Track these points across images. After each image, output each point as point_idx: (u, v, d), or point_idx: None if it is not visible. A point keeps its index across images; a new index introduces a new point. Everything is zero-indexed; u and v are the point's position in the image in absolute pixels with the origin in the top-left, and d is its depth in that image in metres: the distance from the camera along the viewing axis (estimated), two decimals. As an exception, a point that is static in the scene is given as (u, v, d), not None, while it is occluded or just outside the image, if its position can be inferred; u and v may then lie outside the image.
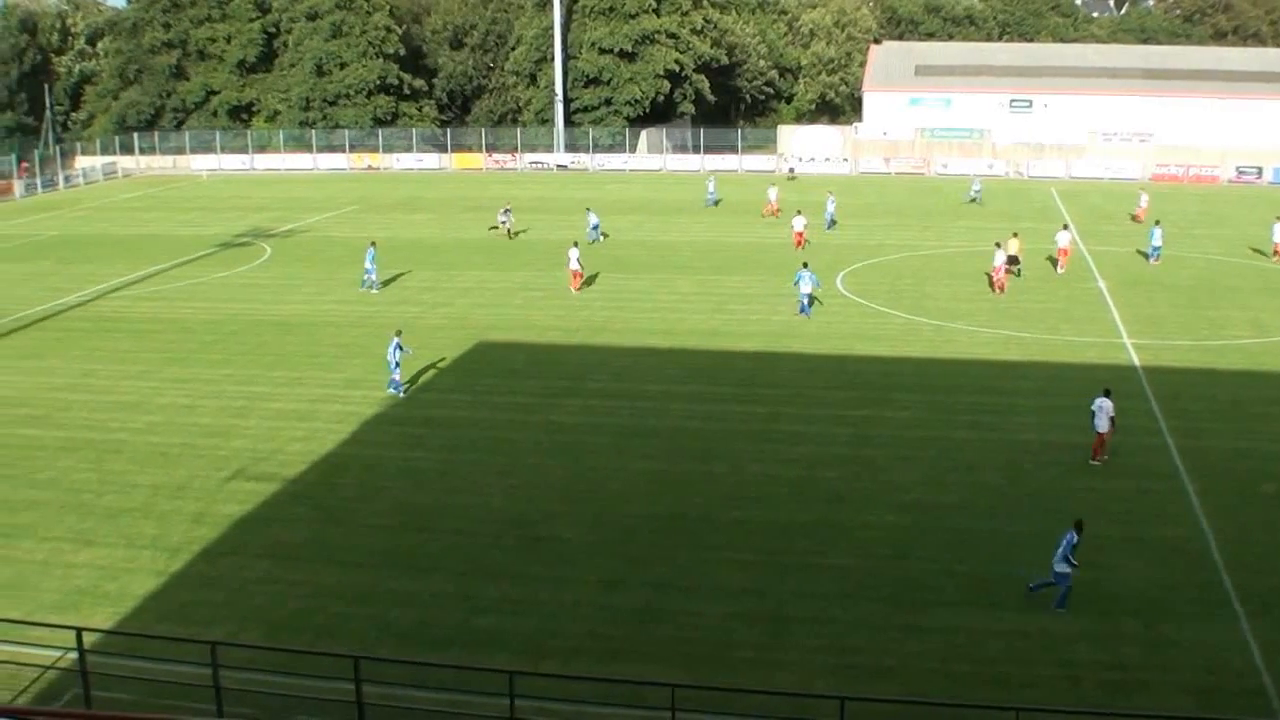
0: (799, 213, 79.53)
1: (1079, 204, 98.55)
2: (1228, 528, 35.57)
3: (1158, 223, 75.70)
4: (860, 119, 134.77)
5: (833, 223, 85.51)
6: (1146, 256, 74.05)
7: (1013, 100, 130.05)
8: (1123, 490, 38.46)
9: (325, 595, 31.50)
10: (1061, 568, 30.64)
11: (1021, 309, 60.98)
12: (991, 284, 64.97)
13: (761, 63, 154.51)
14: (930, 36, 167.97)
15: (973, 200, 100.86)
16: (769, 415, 45.13)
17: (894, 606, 30.76)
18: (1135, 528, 35.76)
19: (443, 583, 32.13)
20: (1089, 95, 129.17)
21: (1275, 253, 74.88)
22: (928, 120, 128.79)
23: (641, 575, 32.40)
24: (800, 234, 77.37)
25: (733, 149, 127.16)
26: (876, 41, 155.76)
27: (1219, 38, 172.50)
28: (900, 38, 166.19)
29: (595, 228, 79.87)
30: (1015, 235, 70.91)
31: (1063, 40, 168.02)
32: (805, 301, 59.65)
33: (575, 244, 67.50)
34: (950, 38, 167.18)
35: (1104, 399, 40.38)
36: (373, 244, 66.99)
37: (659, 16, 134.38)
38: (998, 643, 29.11)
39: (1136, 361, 52.53)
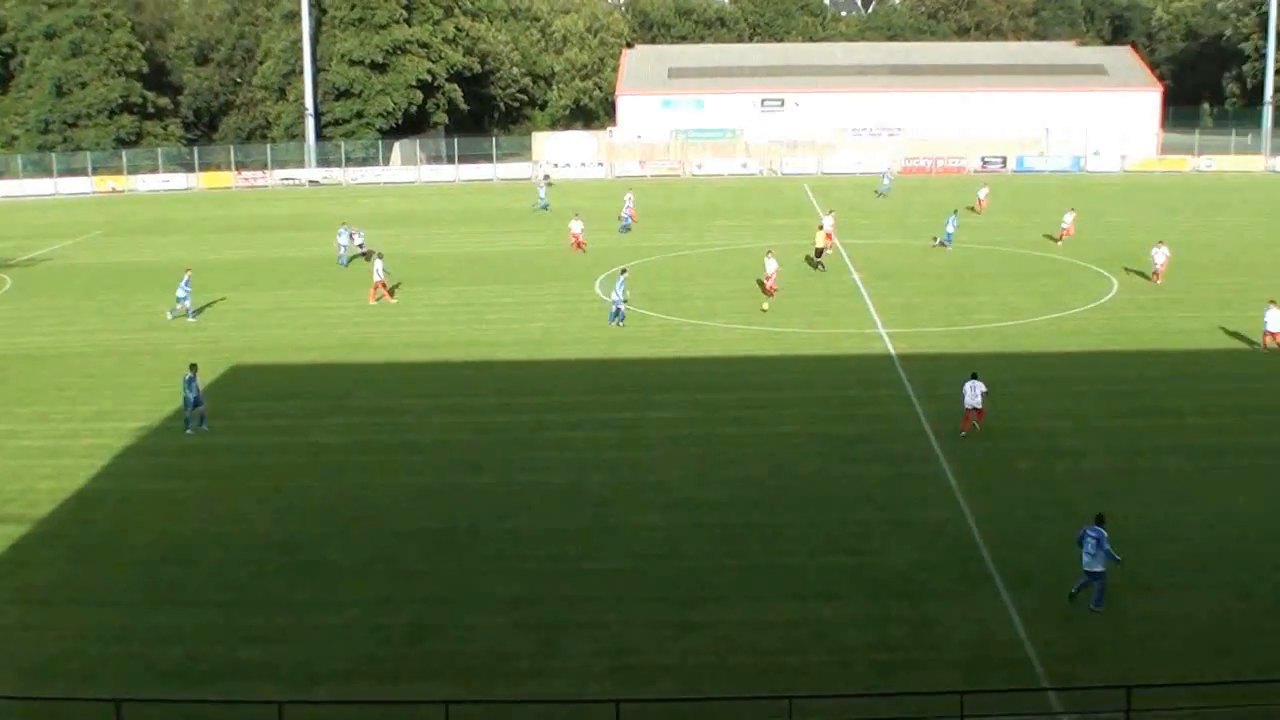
0: (576, 215, 79.73)
1: (832, 199, 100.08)
2: (986, 507, 36.59)
3: (955, 212, 77.74)
4: (615, 123, 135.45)
5: (627, 228, 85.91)
6: (943, 244, 76.55)
7: (764, 100, 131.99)
8: (884, 476, 39.26)
9: (83, 637, 30.19)
10: (1098, 567, 30.09)
11: (778, 305, 61.71)
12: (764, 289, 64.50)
13: (515, 70, 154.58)
14: (683, 39, 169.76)
15: (880, 194, 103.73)
16: (533, 423, 45.02)
17: (668, 605, 30.91)
18: (897, 512, 36.53)
19: (208, 615, 31.11)
20: (839, 92, 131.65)
21: (1061, 238, 77.32)
22: (682, 122, 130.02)
23: (413, 592, 32.00)
24: (578, 237, 77.52)
25: (488, 158, 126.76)
26: (629, 46, 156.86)
27: (963, 33, 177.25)
28: (653, 41, 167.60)
29: (345, 247, 76.82)
30: (821, 228, 72.78)
31: (813, 39, 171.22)
32: (616, 309, 59.32)
33: (379, 255, 66.67)
34: (702, 40, 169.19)
35: (973, 381, 42.39)
36: (188, 270, 65.17)
37: (410, 26, 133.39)
38: (771, 633, 29.43)
39: (892, 350, 53.64)
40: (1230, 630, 29.44)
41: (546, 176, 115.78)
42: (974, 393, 42.46)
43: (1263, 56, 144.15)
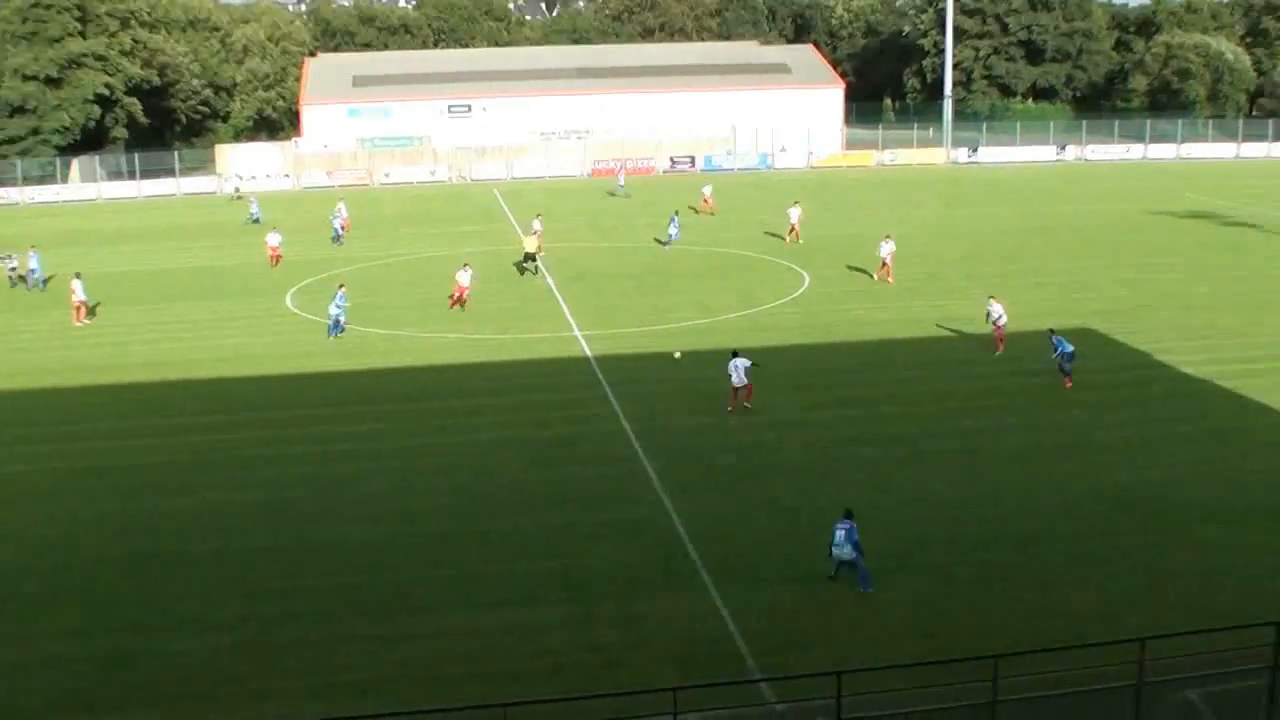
0: (274, 229, 78.31)
1: (522, 203, 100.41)
2: (688, 502, 37.07)
3: (677, 213, 78.06)
4: (300, 133, 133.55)
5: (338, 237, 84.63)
6: (663, 244, 77.07)
7: (451, 106, 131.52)
8: (585, 477, 39.47)
9: None
10: (849, 555, 31.21)
11: (473, 311, 61.59)
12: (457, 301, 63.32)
13: (195, 82, 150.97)
14: (367, 47, 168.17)
15: (618, 193, 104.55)
16: (231, 442, 43.92)
17: (377, 618, 30.54)
18: (601, 512, 36.76)
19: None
20: (526, 96, 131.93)
21: (790, 232, 78.86)
22: (368, 130, 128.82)
23: (111, 620, 30.87)
24: (275, 250, 76.01)
25: (170, 172, 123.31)
26: (311, 54, 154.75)
27: (647, 35, 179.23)
28: (336, 49, 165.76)
29: (33, 272, 72.77)
30: (535, 233, 72.79)
31: (498, 44, 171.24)
32: (335, 321, 58.14)
33: (78, 275, 64.18)
34: (386, 47, 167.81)
35: (735, 359, 44.30)
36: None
37: (85, 39, 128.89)
38: (482, 641, 29.29)
39: (589, 352, 53.96)
40: (933, 612, 30.34)
41: (236, 189, 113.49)
42: (738, 371, 44.02)
43: (941, 52, 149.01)
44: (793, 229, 78.47)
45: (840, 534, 31.31)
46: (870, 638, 28.98)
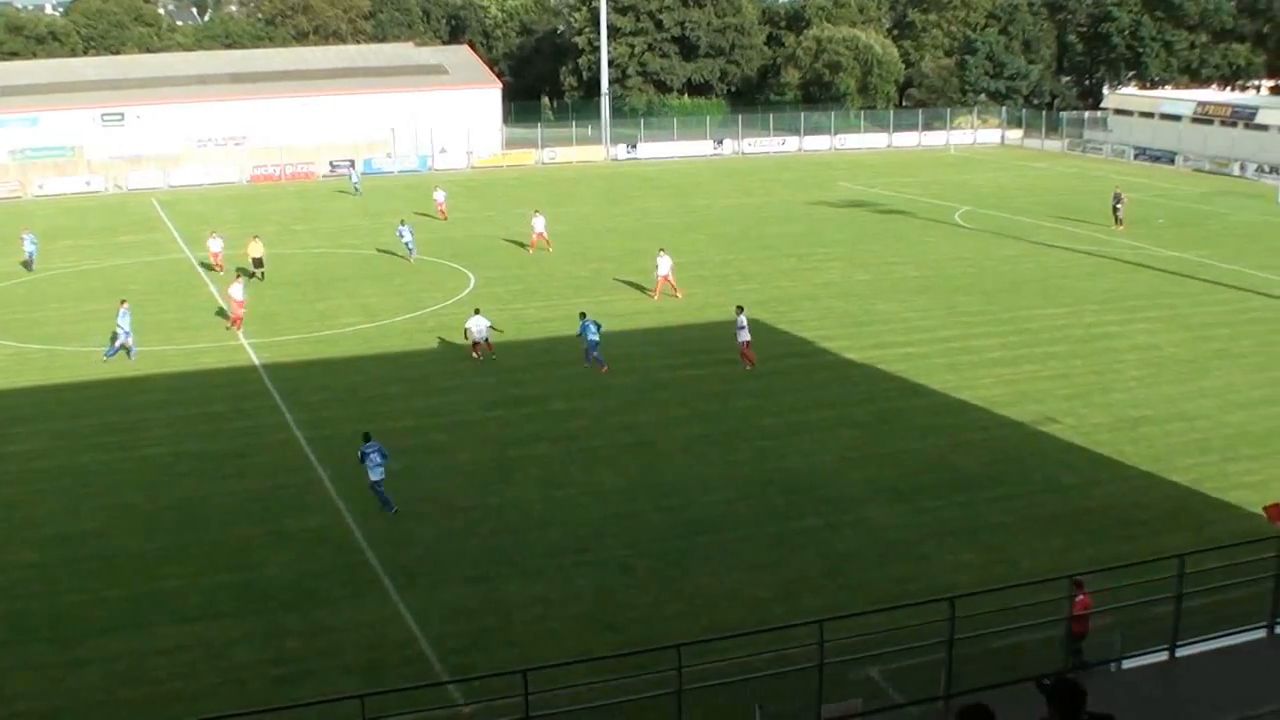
0: None
1: (179, 211, 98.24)
2: (365, 509, 36.93)
3: (403, 221, 75.51)
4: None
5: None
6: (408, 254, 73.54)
7: (104, 114, 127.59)
8: (259, 489, 39.01)
9: None
10: (379, 475, 36.02)
11: (133, 324, 59.89)
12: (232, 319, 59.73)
13: None
14: (14, 56, 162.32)
15: (354, 192, 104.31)
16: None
17: (49, 645, 29.65)
18: (277, 523, 36.44)
19: None
20: (182, 103, 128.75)
21: (534, 245, 77.07)
22: (17, 141, 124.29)
23: None
24: None
25: None
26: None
27: (301, 38, 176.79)
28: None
29: None
30: (256, 237, 70.96)
31: (150, 50, 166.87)
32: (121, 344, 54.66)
33: None
34: (35, 55, 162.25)
35: (476, 318, 49.98)
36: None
37: None
38: (160, 660, 28.78)
39: (257, 361, 53.18)
40: (615, 604, 30.92)
41: None
42: (477, 329, 48.13)
43: (596, 49, 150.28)
44: (538, 238, 76.80)
45: (376, 455, 36.14)
46: (553, 633, 29.47)
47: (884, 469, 39.65)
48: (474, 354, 51.14)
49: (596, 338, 49.98)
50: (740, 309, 50.18)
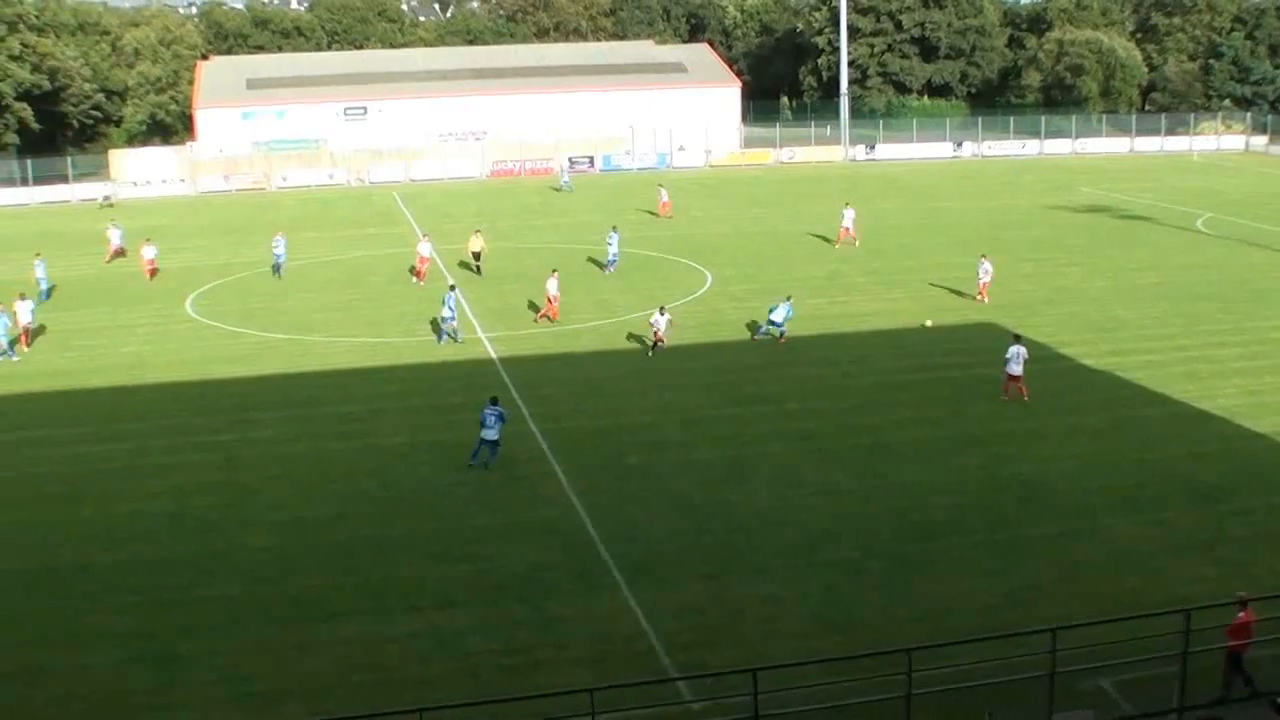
0: (148, 240, 76.15)
1: (421, 205, 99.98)
2: (598, 502, 37.06)
3: (615, 228, 74.99)
4: (195, 138, 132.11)
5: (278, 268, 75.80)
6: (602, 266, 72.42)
7: (347, 108, 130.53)
8: (494, 479, 39.30)
9: None
10: (494, 436, 39.47)
11: (375, 315, 61.23)
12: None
13: (86, 86, 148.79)
14: (260, 50, 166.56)
15: (563, 189, 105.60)
16: (133, 450, 43.29)
17: (286, 627, 30.25)
18: (511, 514, 36.66)
19: None
20: (423, 98, 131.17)
21: (844, 234, 77.84)
22: (263, 134, 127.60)
23: (17, 636, 30.33)
24: (150, 263, 74.04)
25: (63, 178, 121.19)
26: (204, 58, 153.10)
27: (542, 34, 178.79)
28: (229, 52, 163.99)
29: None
30: (478, 232, 72.32)
31: (392, 46, 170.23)
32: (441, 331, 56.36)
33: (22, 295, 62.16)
34: (280, 50, 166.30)
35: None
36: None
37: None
38: (393, 647, 29.10)
39: (494, 354, 53.73)
40: (843, 606, 30.58)
41: (106, 196, 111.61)
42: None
43: (836, 49, 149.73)
44: (845, 230, 77.45)
45: (492, 417, 39.35)
46: (782, 632, 29.21)
47: (1120, 478, 38.63)
48: (656, 345, 52.95)
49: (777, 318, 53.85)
50: (1017, 337, 46.99)
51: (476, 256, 69.98)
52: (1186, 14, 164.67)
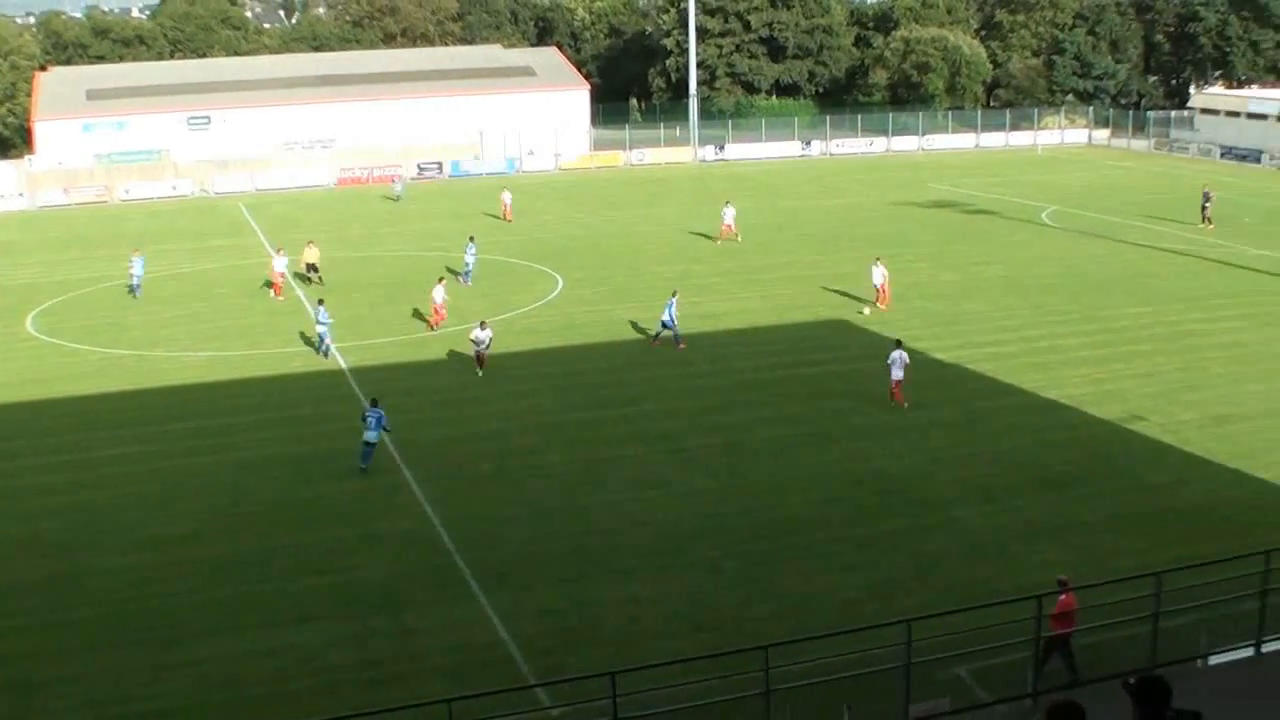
0: None
1: (268, 215, 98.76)
2: (452, 511, 37.11)
3: (472, 238, 73.93)
4: (33, 151, 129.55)
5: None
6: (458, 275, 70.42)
7: (190, 118, 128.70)
8: (349, 491, 39.08)
9: None
10: (374, 436, 39.80)
11: (221, 328, 60.36)
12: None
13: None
14: (100, 60, 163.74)
15: (397, 199, 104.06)
16: (-23, 473, 42.42)
17: (143, 648, 29.78)
18: (367, 525, 36.50)
19: None
20: (268, 107, 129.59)
21: (721, 234, 78.44)
22: (104, 145, 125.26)
23: None
24: None
25: None
26: (43, 68, 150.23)
27: (389, 40, 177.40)
28: (69, 63, 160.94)
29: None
30: (311, 243, 71.19)
31: (237, 54, 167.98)
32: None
33: None
34: (121, 59, 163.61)
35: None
36: None
37: None
38: (251, 665, 28.82)
39: (344, 365, 53.26)
40: (704, 605, 30.78)
41: None
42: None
43: (685, 51, 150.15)
44: (727, 227, 77.99)
45: (373, 419, 39.71)
46: (642, 634, 29.39)
47: (972, 469, 39.34)
48: (478, 367, 51.04)
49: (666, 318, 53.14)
50: (898, 343, 46.83)
51: (311, 268, 69.19)
52: (1030, 11, 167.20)
